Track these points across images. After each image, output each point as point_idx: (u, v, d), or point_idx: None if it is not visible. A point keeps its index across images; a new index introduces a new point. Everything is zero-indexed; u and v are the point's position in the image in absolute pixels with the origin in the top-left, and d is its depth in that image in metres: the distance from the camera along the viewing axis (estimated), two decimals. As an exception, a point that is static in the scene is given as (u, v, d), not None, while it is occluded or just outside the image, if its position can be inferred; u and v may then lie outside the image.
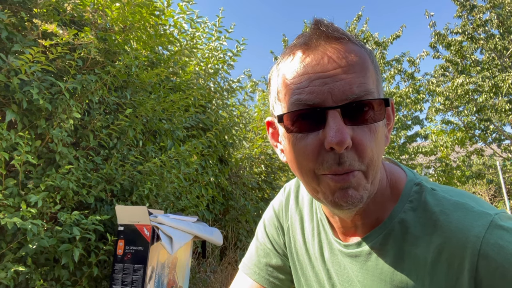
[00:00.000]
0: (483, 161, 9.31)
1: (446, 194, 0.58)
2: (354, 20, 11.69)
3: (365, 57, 0.54)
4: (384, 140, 0.56)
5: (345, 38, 0.54)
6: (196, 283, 3.43)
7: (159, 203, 2.76)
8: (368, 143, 0.52)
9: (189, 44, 3.94)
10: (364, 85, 0.51)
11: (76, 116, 2.15)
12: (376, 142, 0.53)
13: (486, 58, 9.28)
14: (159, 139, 3.24)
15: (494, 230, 0.50)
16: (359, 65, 0.52)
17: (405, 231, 0.57)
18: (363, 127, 0.52)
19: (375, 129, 0.53)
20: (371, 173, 0.53)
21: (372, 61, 0.55)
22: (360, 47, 0.55)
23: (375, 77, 0.54)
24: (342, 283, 0.65)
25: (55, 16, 2.39)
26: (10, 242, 1.89)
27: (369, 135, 0.52)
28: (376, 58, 0.56)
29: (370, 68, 0.54)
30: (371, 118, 0.52)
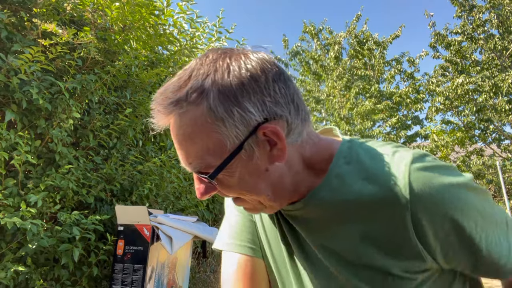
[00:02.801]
0: (483, 161, 9.32)
1: (374, 145, 0.62)
2: (354, 20, 11.69)
3: (195, 122, 0.51)
4: (260, 166, 0.55)
5: (174, 110, 0.52)
6: (196, 283, 3.43)
7: (159, 203, 2.75)
8: (229, 190, 0.56)
9: (189, 44, 3.94)
10: (195, 162, 0.53)
11: (76, 116, 2.15)
12: (240, 183, 0.55)
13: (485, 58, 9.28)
14: (159, 139, 3.24)
15: (416, 168, 0.55)
16: (188, 139, 0.52)
17: (342, 182, 0.58)
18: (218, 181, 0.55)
19: (227, 176, 0.54)
20: (265, 198, 0.58)
21: (211, 110, 0.50)
22: (191, 109, 0.51)
23: (212, 128, 0.51)
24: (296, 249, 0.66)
25: (54, 16, 2.39)
26: (10, 242, 1.88)
27: (232, 183, 0.55)
28: (221, 98, 0.50)
29: (203, 129, 0.51)
30: (218, 177, 0.54)
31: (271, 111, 0.52)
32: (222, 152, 0.52)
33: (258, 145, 0.53)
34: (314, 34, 12.00)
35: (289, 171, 0.59)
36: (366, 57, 11.23)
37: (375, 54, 11.11)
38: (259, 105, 0.51)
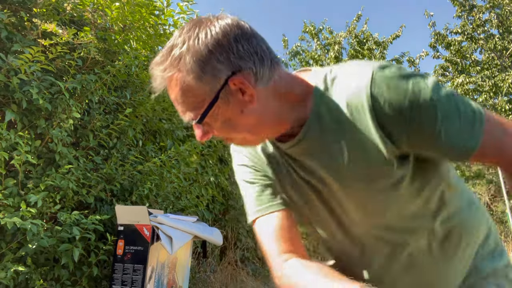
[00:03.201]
0: (483, 161, 9.32)
1: (343, 66, 0.73)
2: (354, 20, 11.68)
3: (180, 82, 0.65)
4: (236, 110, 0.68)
5: (164, 74, 0.66)
6: (196, 283, 3.43)
7: (159, 203, 2.75)
8: (219, 131, 0.71)
9: (189, 44, 3.93)
10: (187, 113, 0.69)
11: (76, 116, 2.15)
12: (224, 125, 0.69)
13: (485, 58, 9.28)
14: (159, 139, 3.24)
15: (377, 74, 0.64)
16: (179, 97, 0.67)
17: (327, 108, 0.70)
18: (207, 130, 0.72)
19: (213, 121, 0.69)
20: (247, 134, 0.72)
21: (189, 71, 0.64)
22: (175, 72, 0.65)
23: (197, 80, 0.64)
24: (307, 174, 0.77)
25: (54, 16, 2.39)
26: (10, 242, 1.88)
27: (218, 126, 0.70)
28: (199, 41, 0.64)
29: (186, 88, 0.65)
30: (206, 122, 0.69)
31: (236, 66, 0.64)
32: (204, 103, 0.66)
33: (232, 94, 0.66)
34: (314, 34, 12.00)
35: (265, 110, 0.70)
36: (366, 57, 11.22)
37: (375, 54, 11.11)
38: (226, 63, 0.64)
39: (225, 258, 4.16)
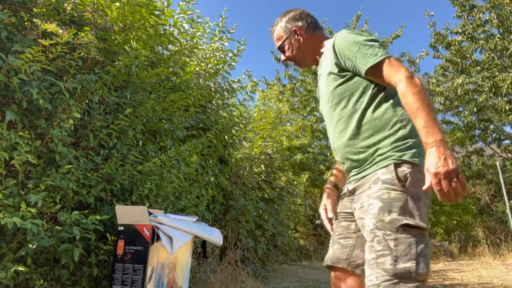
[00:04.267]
0: (483, 161, 9.31)
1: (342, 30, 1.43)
2: (354, 20, 11.68)
3: (278, 29, 1.60)
4: (297, 44, 1.56)
5: (273, 26, 1.64)
6: (196, 283, 3.43)
7: (159, 203, 2.75)
8: (289, 55, 1.58)
9: (189, 44, 3.94)
10: (278, 42, 1.61)
11: (76, 116, 2.15)
12: (293, 50, 1.56)
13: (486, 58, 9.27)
14: (159, 139, 3.24)
15: (338, 33, 1.40)
16: (276, 34, 1.62)
17: (325, 48, 1.51)
18: (285, 52, 1.60)
19: (288, 48, 1.57)
20: (298, 59, 1.59)
21: (282, 22, 1.60)
22: (276, 26, 1.62)
23: (283, 31, 1.58)
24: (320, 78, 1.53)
25: (55, 16, 2.39)
26: (10, 242, 1.88)
27: (288, 52, 1.58)
28: (291, 16, 1.60)
29: (280, 31, 1.59)
30: (282, 48, 1.59)
31: (296, 24, 1.56)
32: (283, 38, 1.57)
33: (294, 34, 1.55)
34: (314, 34, 11.98)
35: (310, 46, 1.56)
36: (366, 57, 11.22)
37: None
38: (294, 24, 1.56)
39: (225, 258, 4.16)
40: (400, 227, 1.12)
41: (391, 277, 1.09)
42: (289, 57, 1.57)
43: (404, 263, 1.09)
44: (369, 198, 1.20)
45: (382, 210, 1.15)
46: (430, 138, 1.08)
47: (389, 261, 1.10)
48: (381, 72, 1.23)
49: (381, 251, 1.13)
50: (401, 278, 1.09)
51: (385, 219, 1.14)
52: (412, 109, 1.13)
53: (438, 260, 7.95)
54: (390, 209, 1.15)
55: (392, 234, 1.12)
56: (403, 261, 1.09)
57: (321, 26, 1.60)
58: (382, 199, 1.17)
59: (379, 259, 1.12)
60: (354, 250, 1.36)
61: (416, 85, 1.15)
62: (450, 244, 9.00)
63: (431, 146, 1.07)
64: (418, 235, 1.13)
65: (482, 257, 8.11)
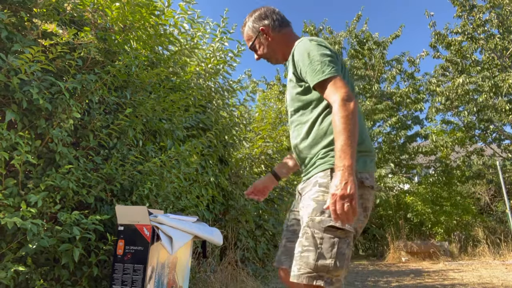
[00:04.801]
0: (483, 161, 9.30)
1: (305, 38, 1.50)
2: (354, 20, 11.67)
3: (246, 29, 1.69)
4: (266, 42, 1.64)
5: (243, 27, 1.73)
6: (196, 283, 3.43)
7: (159, 203, 2.75)
8: (260, 53, 1.67)
9: (189, 44, 3.93)
10: (248, 42, 1.70)
11: (76, 116, 2.15)
12: (263, 48, 1.65)
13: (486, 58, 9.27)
14: (159, 139, 3.24)
15: (299, 41, 1.49)
16: (245, 34, 1.70)
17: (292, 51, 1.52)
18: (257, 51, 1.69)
19: (259, 47, 1.66)
20: (268, 56, 1.68)
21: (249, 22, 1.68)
22: (245, 27, 1.70)
23: (251, 31, 1.66)
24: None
25: (55, 16, 2.39)
26: (10, 242, 1.88)
27: (259, 51, 1.67)
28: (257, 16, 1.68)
29: (248, 31, 1.69)
30: (253, 47, 1.68)
31: (263, 23, 1.63)
32: (253, 38, 1.66)
33: (262, 33, 1.63)
34: (314, 34, 11.99)
35: (278, 43, 1.63)
36: (366, 57, 11.22)
37: (375, 54, 11.10)
38: (261, 23, 1.63)
39: (225, 258, 4.16)
40: (327, 227, 1.25)
41: (311, 271, 1.24)
42: (261, 55, 1.67)
43: (324, 260, 1.23)
44: (308, 199, 1.33)
45: (315, 211, 1.28)
46: (340, 162, 1.18)
47: (312, 257, 1.24)
48: (324, 90, 1.33)
49: (307, 247, 1.26)
50: (319, 272, 1.23)
51: (316, 219, 1.27)
52: (336, 129, 1.23)
53: (438, 260, 7.94)
54: (323, 210, 1.26)
55: (319, 233, 1.25)
56: (324, 258, 1.23)
57: (288, 22, 1.66)
58: (317, 200, 1.29)
59: (304, 253, 1.26)
60: None
61: (347, 109, 1.23)
62: (450, 244, 9.00)
63: (339, 169, 1.18)
64: (342, 236, 1.26)
65: (482, 257, 8.11)
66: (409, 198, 10.23)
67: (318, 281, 1.23)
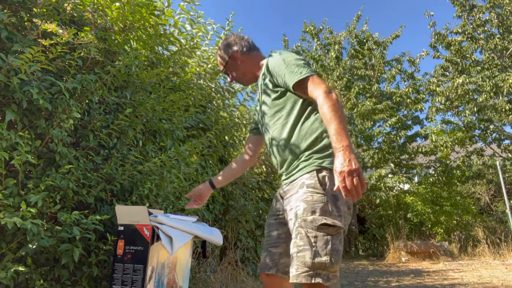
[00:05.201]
0: (483, 161, 9.30)
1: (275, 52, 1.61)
2: (354, 20, 11.67)
3: (221, 53, 1.82)
4: (236, 65, 1.78)
5: (218, 51, 1.87)
6: (196, 283, 3.43)
7: (159, 203, 2.75)
8: (232, 77, 1.81)
9: (189, 44, 3.93)
10: (221, 66, 1.84)
11: (76, 116, 2.15)
12: (234, 71, 1.79)
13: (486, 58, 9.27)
14: (159, 139, 3.24)
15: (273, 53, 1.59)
16: (219, 58, 1.84)
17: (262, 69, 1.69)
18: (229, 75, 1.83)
19: (230, 70, 1.80)
20: (239, 78, 1.81)
21: (221, 49, 1.83)
22: (219, 52, 1.85)
23: (223, 57, 1.80)
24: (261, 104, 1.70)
25: (55, 16, 2.39)
26: (10, 242, 1.88)
27: (231, 74, 1.81)
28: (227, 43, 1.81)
29: (221, 55, 1.81)
30: (226, 72, 1.83)
31: (232, 50, 1.77)
32: (225, 63, 1.80)
33: (232, 58, 1.77)
34: (315, 34, 11.99)
35: (247, 66, 1.76)
36: (366, 57, 11.21)
37: (375, 54, 11.10)
38: (230, 50, 1.78)
39: (225, 258, 4.16)
40: (320, 226, 1.30)
41: (309, 269, 1.27)
42: (233, 78, 1.80)
43: (320, 258, 1.28)
44: (297, 201, 1.38)
45: (306, 211, 1.33)
46: (339, 143, 1.24)
47: (309, 255, 1.28)
48: (305, 87, 1.43)
49: (302, 246, 1.30)
50: (317, 269, 1.27)
51: (308, 219, 1.32)
52: (326, 118, 1.31)
53: (438, 260, 7.95)
54: (313, 210, 1.32)
55: (312, 232, 1.30)
56: (320, 255, 1.28)
57: (257, 47, 1.80)
58: (307, 201, 1.34)
59: (300, 253, 1.30)
60: (281, 258, 1.53)
61: (331, 99, 1.34)
62: (450, 244, 9.00)
63: (339, 150, 1.24)
64: (334, 233, 1.32)
65: (482, 257, 8.11)
66: (409, 198, 10.23)
67: (316, 279, 1.26)
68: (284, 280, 1.54)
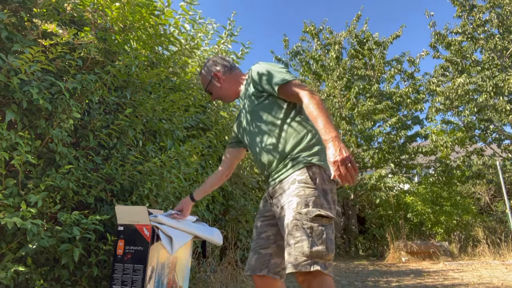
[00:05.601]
0: (483, 161, 9.30)
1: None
2: (354, 20, 11.67)
3: (202, 74, 1.92)
4: (218, 84, 1.85)
5: (200, 73, 1.96)
6: (196, 283, 3.43)
7: (159, 203, 2.75)
8: (215, 94, 1.88)
9: (189, 45, 3.94)
10: (204, 86, 1.92)
11: (76, 116, 2.15)
12: (217, 90, 1.86)
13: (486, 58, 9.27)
14: (159, 139, 3.24)
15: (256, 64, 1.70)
16: (202, 79, 1.93)
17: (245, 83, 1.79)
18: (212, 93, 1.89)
19: (213, 89, 1.87)
20: (221, 96, 1.88)
21: (204, 69, 1.91)
22: (202, 73, 1.93)
23: (206, 77, 1.89)
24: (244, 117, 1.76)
25: (55, 16, 2.39)
26: (10, 242, 1.89)
27: (214, 92, 1.88)
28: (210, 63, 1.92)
29: (204, 76, 1.91)
30: (209, 90, 1.89)
31: (215, 69, 1.86)
32: (208, 82, 1.87)
33: (215, 78, 1.85)
34: (315, 34, 11.99)
35: (229, 84, 1.85)
36: (366, 57, 11.21)
37: (376, 54, 11.10)
38: (213, 69, 1.86)
39: (225, 258, 4.16)
40: (314, 217, 1.38)
41: (307, 258, 1.34)
42: (215, 95, 1.88)
43: (317, 247, 1.35)
44: (289, 196, 1.45)
45: (300, 204, 1.40)
46: (328, 135, 1.34)
47: (306, 245, 1.35)
48: (289, 90, 1.55)
49: (299, 237, 1.37)
50: (314, 258, 1.34)
51: (302, 211, 1.39)
52: (313, 115, 1.42)
53: (438, 260, 7.95)
54: (306, 203, 1.40)
55: (307, 223, 1.37)
56: (316, 245, 1.35)
57: (236, 66, 1.92)
58: (300, 195, 1.42)
59: (297, 244, 1.36)
60: (272, 258, 1.59)
61: (315, 99, 1.46)
62: (450, 244, 9.00)
63: (329, 141, 1.33)
64: (327, 223, 1.40)
65: (482, 257, 8.11)
66: (409, 198, 10.23)
67: (315, 266, 1.33)
68: (275, 281, 1.60)
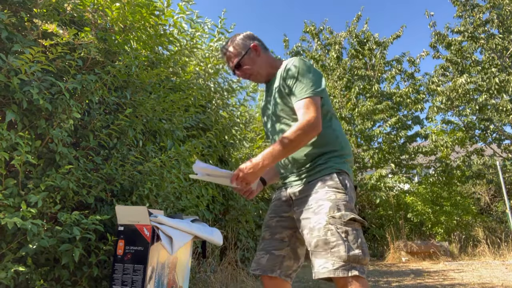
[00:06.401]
0: (483, 161, 9.30)
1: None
2: (354, 20, 11.67)
3: (234, 48, 1.70)
4: (255, 58, 1.68)
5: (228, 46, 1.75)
6: (196, 283, 3.43)
7: (159, 203, 2.75)
8: (247, 69, 1.68)
9: (189, 44, 3.94)
10: (235, 60, 1.69)
11: (76, 116, 2.15)
12: (252, 64, 1.68)
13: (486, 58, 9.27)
14: (159, 139, 3.24)
15: (292, 59, 1.58)
16: (231, 53, 1.71)
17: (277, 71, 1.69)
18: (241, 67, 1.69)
19: (247, 62, 1.67)
20: (255, 73, 1.68)
21: (233, 44, 1.71)
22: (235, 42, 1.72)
23: (241, 47, 1.68)
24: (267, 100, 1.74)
25: (55, 16, 2.39)
26: (10, 242, 1.89)
27: (247, 66, 1.67)
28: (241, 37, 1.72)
29: (236, 49, 1.70)
30: (241, 63, 1.68)
31: (254, 42, 1.69)
32: (242, 54, 1.67)
33: (253, 51, 1.68)
34: (315, 34, 11.99)
35: (265, 62, 1.69)
36: (366, 57, 11.21)
37: (376, 54, 11.10)
38: (251, 42, 1.70)
39: (225, 258, 4.16)
40: (348, 221, 1.36)
41: (345, 263, 1.32)
42: (247, 71, 1.67)
43: (354, 251, 1.33)
44: (319, 200, 1.42)
45: (332, 209, 1.38)
46: (259, 158, 1.44)
47: (343, 249, 1.33)
48: (299, 104, 1.48)
49: (335, 242, 1.34)
50: (352, 262, 1.32)
51: (336, 215, 1.37)
52: (284, 137, 1.43)
53: (438, 260, 7.95)
54: (339, 207, 1.38)
55: (342, 227, 1.35)
56: (353, 249, 1.33)
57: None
58: (331, 199, 1.40)
59: (334, 248, 1.34)
60: (285, 261, 1.57)
61: (304, 131, 1.41)
62: (450, 244, 9.00)
63: (253, 160, 1.45)
64: (359, 227, 1.39)
65: (482, 257, 8.11)
66: (409, 198, 10.23)
67: (353, 271, 1.31)
68: (286, 283, 1.58)
